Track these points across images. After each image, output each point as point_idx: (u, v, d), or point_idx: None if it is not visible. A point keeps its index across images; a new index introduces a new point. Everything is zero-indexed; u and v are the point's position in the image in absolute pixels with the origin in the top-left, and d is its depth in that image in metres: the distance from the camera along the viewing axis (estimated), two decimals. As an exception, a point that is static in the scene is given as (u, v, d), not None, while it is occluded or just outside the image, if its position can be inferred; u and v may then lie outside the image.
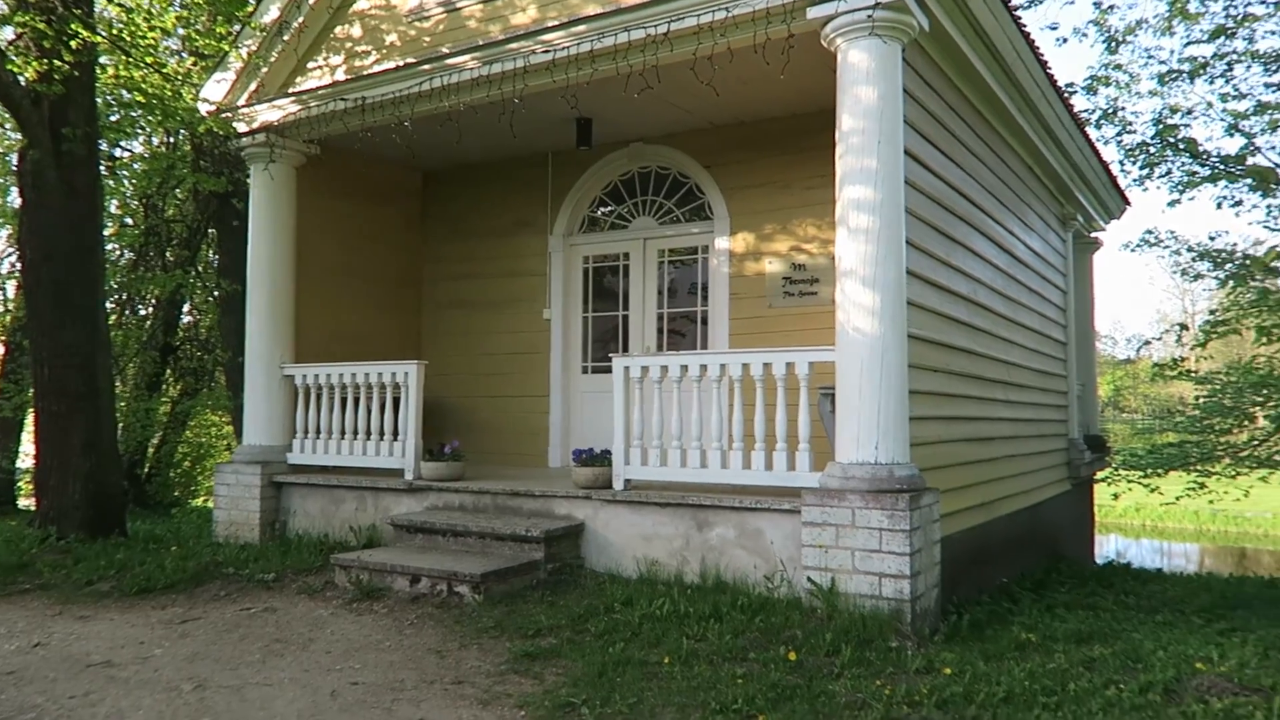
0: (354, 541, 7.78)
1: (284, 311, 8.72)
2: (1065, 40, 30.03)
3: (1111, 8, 13.03)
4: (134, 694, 4.56)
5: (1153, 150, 12.75)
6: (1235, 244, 13.73)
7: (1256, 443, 13.65)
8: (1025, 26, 7.52)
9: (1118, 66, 13.19)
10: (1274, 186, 11.90)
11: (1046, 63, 8.15)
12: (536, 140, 9.25)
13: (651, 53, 6.59)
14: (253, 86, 8.72)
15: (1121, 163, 13.18)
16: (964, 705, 4.23)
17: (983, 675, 4.64)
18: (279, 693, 4.55)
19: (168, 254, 16.08)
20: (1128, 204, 13.50)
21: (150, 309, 17.00)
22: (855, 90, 5.86)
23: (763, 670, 4.68)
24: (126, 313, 16.94)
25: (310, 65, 8.70)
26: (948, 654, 5.05)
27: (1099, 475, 13.78)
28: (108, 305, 12.45)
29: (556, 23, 6.96)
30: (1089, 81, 13.30)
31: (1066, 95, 9.33)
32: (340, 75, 8.39)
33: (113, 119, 11.69)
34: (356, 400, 8.31)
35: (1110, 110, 13.22)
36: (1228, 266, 13.42)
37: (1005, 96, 8.02)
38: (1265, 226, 13.11)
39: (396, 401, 8.12)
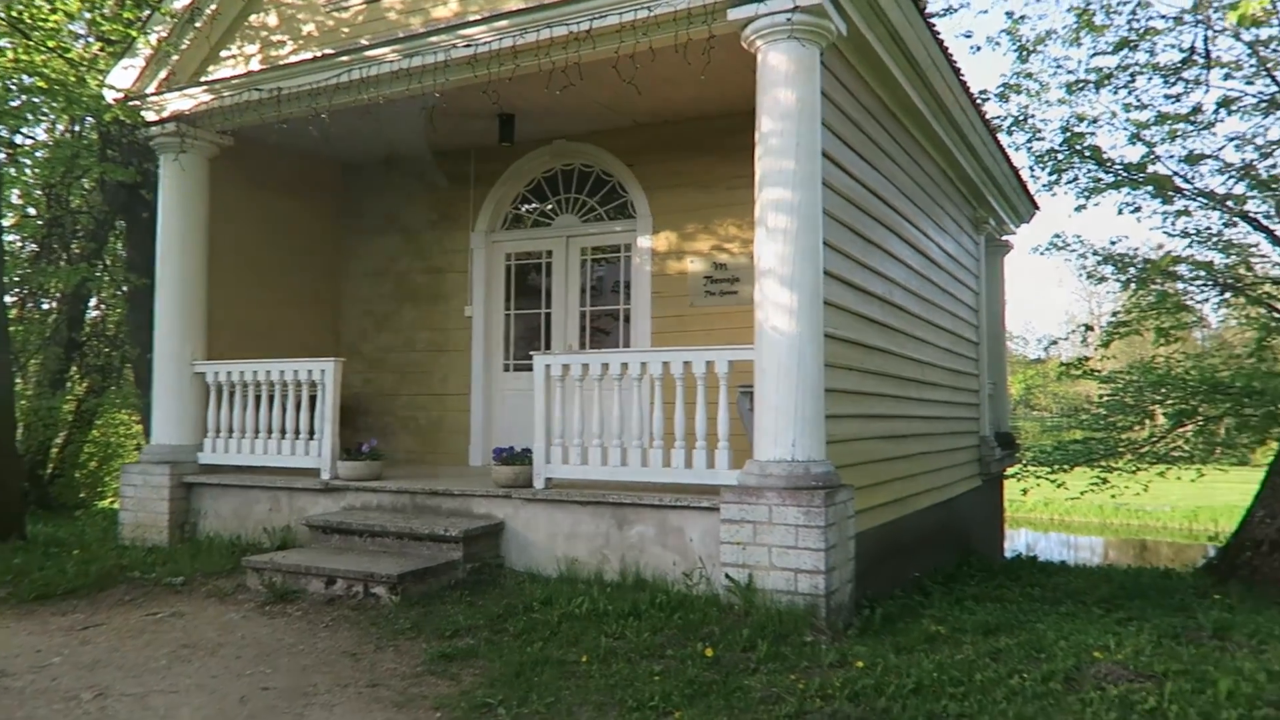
0: (268, 543, 7.59)
1: (195, 307, 8.46)
2: (979, 48, 31.02)
3: (1023, 18, 13.50)
4: (29, 704, 4.38)
5: (1061, 157, 13.18)
6: (1137, 249, 14.28)
7: (1155, 439, 14.25)
8: (939, 34, 7.72)
9: (1028, 75, 13.60)
10: (1171, 194, 12.41)
11: (960, 70, 8.38)
12: (459, 135, 9.15)
13: (574, 50, 6.58)
14: (162, 74, 8.44)
15: (1031, 168, 13.60)
16: (875, 697, 4.33)
17: (893, 667, 4.75)
18: (185, 699, 4.42)
19: (73, 246, 15.44)
20: (1037, 208, 13.97)
21: (54, 303, 16.31)
22: (774, 92, 5.94)
23: (680, 667, 4.72)
24: (28, 306, 16.23)
25: (224, 54, 8.46)
26: (860, 647, 5.16)
27: (1009, 471, 14.24)
28: (7, 298, 11.90)
29: (478, 17, 6.89)
30: (1001, 89, 13.67)
31: (979, 102, 9.61)
32: (255, 65, 8.17)
33: (13, 104, 11.18)
34: (271, 398, 8.11)
35: (1021, 117, 13.63)
36: (1130, 270, 13.97)
37: (920, 102, 8.22)
38: (1164, 232, 13.70)
39: (313, 399, 7.95)
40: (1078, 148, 12.89)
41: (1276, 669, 4.87)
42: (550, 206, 9.54)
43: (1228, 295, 13.86)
